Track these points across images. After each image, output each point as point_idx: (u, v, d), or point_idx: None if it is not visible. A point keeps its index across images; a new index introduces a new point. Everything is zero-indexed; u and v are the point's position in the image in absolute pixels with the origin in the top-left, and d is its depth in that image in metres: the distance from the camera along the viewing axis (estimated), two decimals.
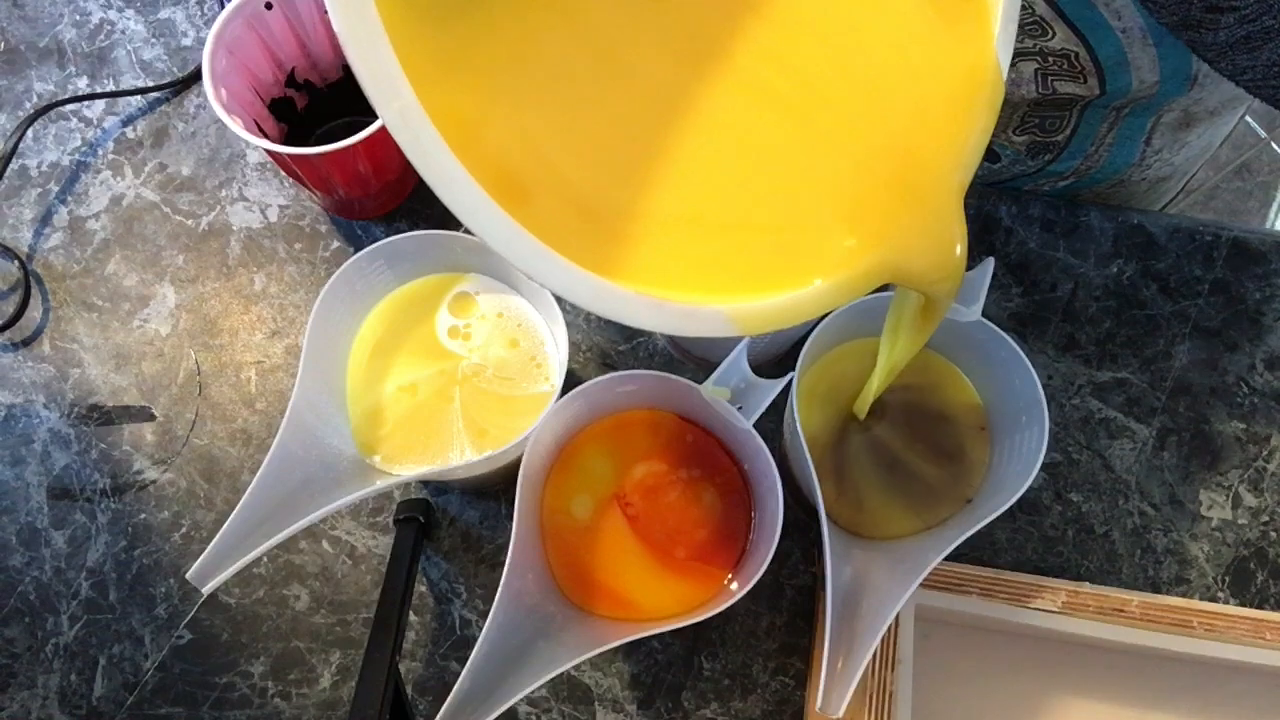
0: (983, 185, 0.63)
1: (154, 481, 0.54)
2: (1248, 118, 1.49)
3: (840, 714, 0.38)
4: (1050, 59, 0.51)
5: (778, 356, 0.55)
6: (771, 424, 0.53)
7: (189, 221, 0.59)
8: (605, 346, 0.57)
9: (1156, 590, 0.53)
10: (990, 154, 0.59)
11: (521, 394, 0.48)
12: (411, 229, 0.50)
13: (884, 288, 0.31)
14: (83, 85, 0.62)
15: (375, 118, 0.49)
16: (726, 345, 0.45)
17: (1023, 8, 0.48)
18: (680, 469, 0.47)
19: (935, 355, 0.49)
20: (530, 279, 0.26)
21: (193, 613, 0.53)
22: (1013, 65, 0.52)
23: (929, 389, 0.48)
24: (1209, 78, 0.49)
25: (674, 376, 0.44)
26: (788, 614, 0.53)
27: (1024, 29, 0.50)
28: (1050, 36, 0.49)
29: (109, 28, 0.63)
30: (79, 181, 0.60)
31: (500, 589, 0.39)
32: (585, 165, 0.29)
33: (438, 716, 0.37)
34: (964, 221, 0.30)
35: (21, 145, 0.59)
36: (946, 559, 0.41)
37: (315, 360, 0.44)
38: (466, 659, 0.37)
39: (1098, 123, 0.55)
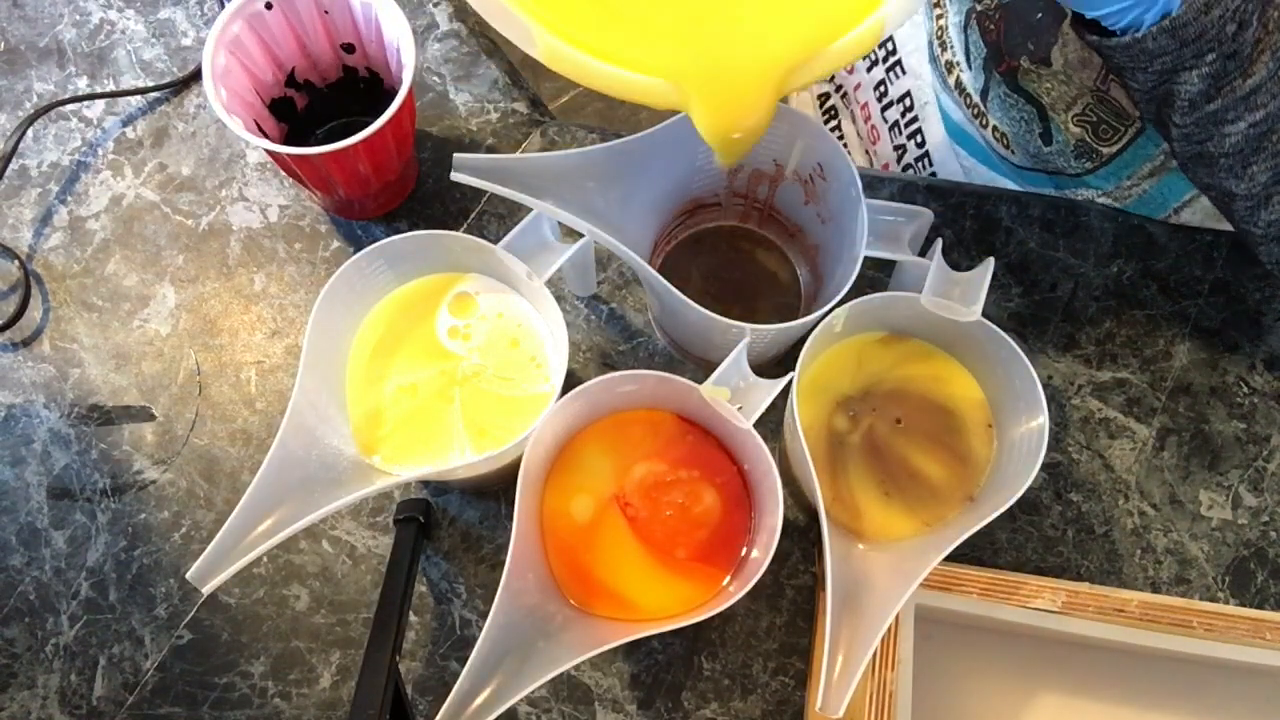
0: (1025, 170, 0.62)
1: (154, 481, 0.54)
2: None
3: (840, 714, 0.38)
4: None
5: (778, 357, 0.55)
6: (771, 424, 0.53)
7: (189, 221, 0.59)
8: (605, 346, 0.57)
9: (1156, 590, 0.53)
10: (1045, 134, 0.59)
11: (521, 394, 0.48)
12: (411, 229, 0.50)
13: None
14: (83, 85, 0.62)
15: (375, 118, 0.49)
16: (726, 343, 0.45)
17: None
18: (680, 469, 0.47)
19: (939, 351, 0.49)
20: None
21: (193, 613, 0.53)
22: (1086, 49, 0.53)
23: (933, 380, 0.48)
24: None
25: (674, 376, 0.44)
26: (788, 614, 0.53)
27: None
28: None
29: (109, 28, 0.63)
30: (79, 181, 0.60)
31: (500, 589, 0.39)
32: None
33: (438, 716, 0.37)
34: (764, 113, 0.38)
35: (21, 145, 0.59)
36: (946, 559, 0.41)
37: (315, 360, 0.44)
38: (466, 659, 0.37)
39: (1144, 158, 0.55)
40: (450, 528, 0.54)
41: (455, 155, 0.42)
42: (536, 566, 0.44)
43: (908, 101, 0.72)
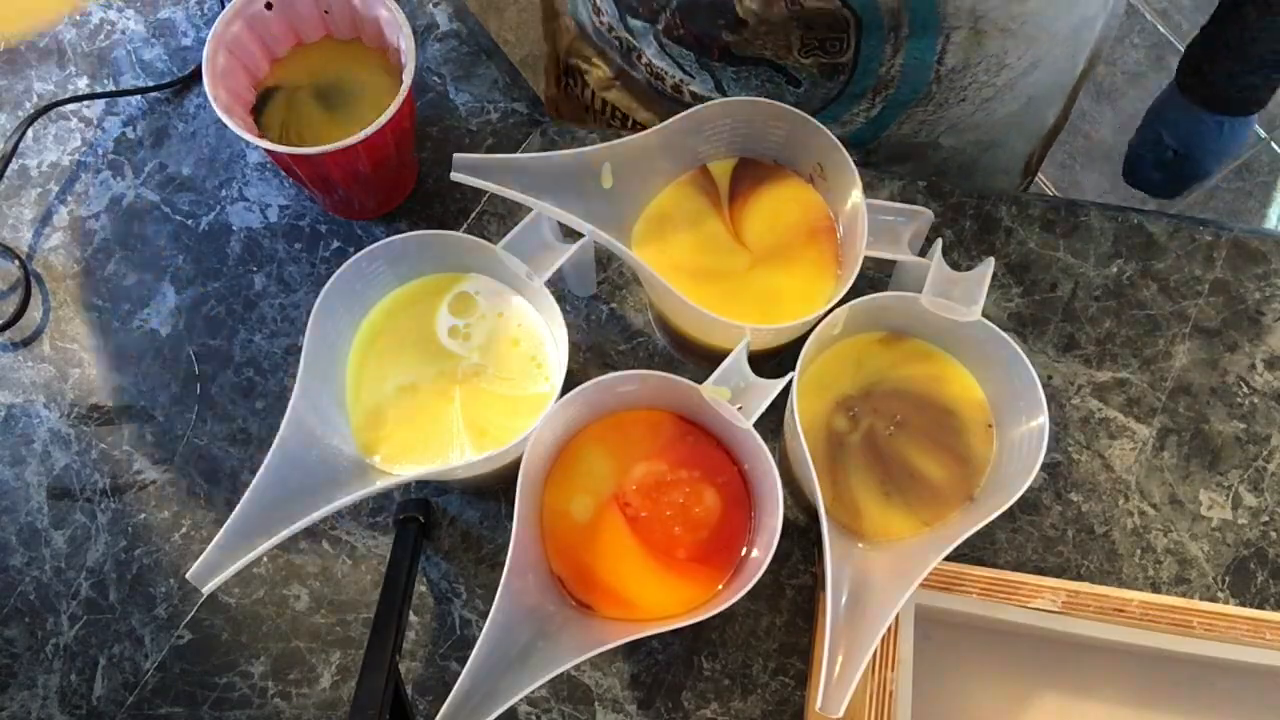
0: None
1: (154, 481, 0.54)
2: None
3: (840, 714, 0.38)
4: None
5: (778, 355, 0.55)
6: (771, 424, 0.53)
7: (189, 221, 0.59)
8: (605, 346, 0.57)
9: (1156, 590, 0.53)
10: (791, 79, 0.60)
11: (521, 394, 0.48)
12: (411, 229, 0.50)
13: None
14: (83, 85, 0.62)
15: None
16: (725, 343, 0.45)
17: None
18: (680, 469, 0.47)
19: (939, 351, 0.49)
20: None
21: (193, 613, 0.53)
22: None
23: (933, 380, 0.48)
24: None
25: (674, 376, 0.44)
26: (788, 614, 0.53)
27: None
28: None
29: (109, 28, 0.63)
30: (79, 181, 0.60)
31: (500, 589, 0.39)
32: None
33: (438, 716, 0.37)
34: None
35: (21, 145, 0.59)
36: (946, 559, 0.41)
37: (315, 360, 0.44)
38: (466, 659, 0.37)
39: (879, 45, 0.55)
40: (450, 528, 0.54)
41: (455, 155, 0.42)
42: (536, 566, 0.44)
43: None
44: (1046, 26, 0.56)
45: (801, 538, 0.54)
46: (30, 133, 0.60)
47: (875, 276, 0.56)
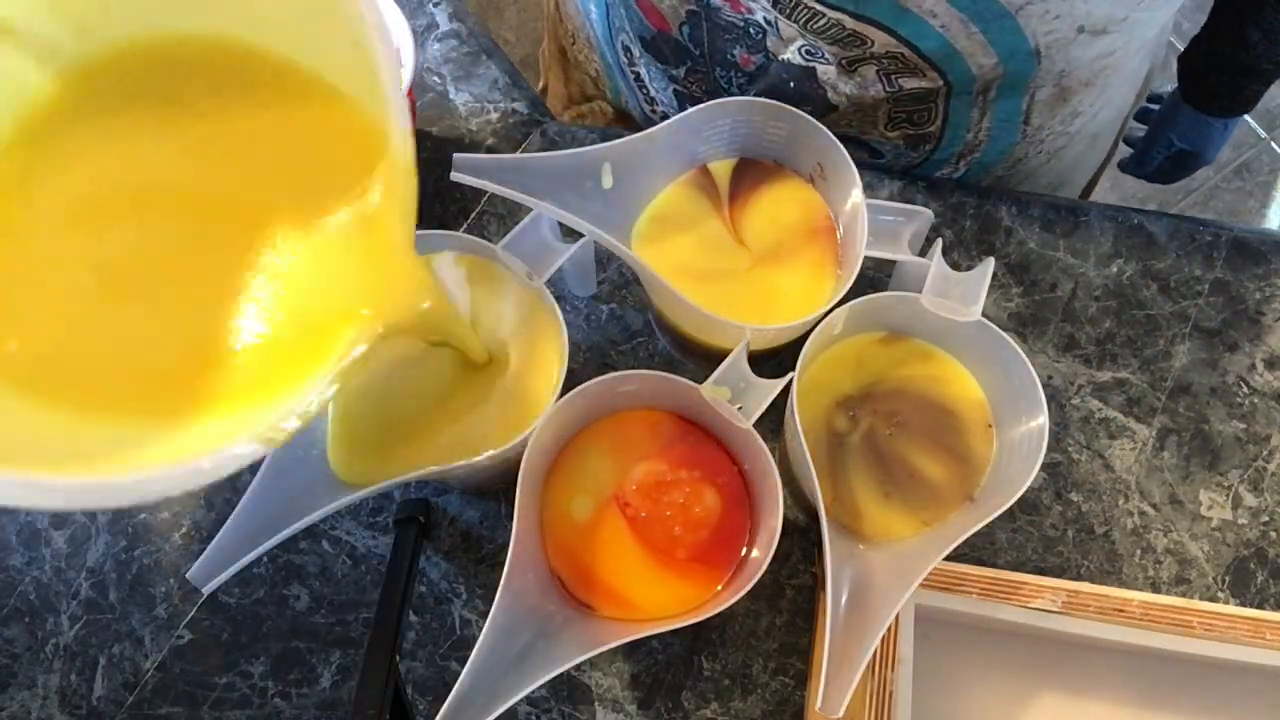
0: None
1: None
2: (1247, 117, 1.49)
3: (840, 714, 0.38)
4: (884, 60, 0.52)
5: (778, 355, 0.55)
6: (771, 424, 0.53)
7: None
8: (605, 346, 0.57)
9: (1156, 590, 0.53)
10: (871, 150, 0.60)
11: (522, 393, 0.47)
12: None
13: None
14: None
15: None
16: (725, 343, 0.45)
17: (832, 24, 0.50)
18: (680, 469, 0.47)
19: (939, 351, 0.49)
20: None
21: (193, 613, 0.53)
22: (853, 69, 0.53)
23: (933, 380, 0.48)
24: (1052, 48, 0.50)
25: (674, 376, 0.44)
26: (788, 614, 0.53)
27: (842, 42, 0.51)
28: (871, 44, 0.51)
29: None
30: None
31: (500, 589, 0.39)
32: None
33: (438, 716, 0.37)
34: (428, 273, 0.35)
35: None
36: (946, 559, 0.41)
37: None
38: (466, 659, 0.37)
39: (967, 110, 0.56)
40: (450, 528, 0.54)
41: (455, 155, 0.42)
42: (536, 566, 0.44)
43: None
44: (1120, 70, 0.57)
45: (801, 538, 0.54)
46: None
47: (875, 276, 0.56)
